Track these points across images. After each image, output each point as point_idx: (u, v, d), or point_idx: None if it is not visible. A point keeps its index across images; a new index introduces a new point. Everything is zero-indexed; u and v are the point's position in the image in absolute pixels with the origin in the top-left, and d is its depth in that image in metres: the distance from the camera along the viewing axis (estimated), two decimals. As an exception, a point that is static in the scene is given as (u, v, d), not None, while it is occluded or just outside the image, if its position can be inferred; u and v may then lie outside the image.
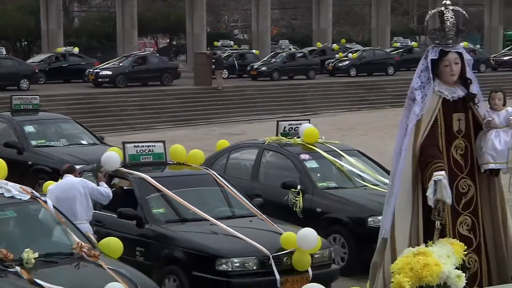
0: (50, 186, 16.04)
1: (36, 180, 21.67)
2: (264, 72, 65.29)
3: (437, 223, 8.42)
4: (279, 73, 66.13)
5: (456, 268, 8.06)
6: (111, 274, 12.68)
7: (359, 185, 18.55)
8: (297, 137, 19.70)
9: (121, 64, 61.84)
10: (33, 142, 25.23)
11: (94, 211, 16.08)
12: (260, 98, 58.87)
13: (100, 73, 59.96)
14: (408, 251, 8.08)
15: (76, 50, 68.54)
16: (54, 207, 13.76)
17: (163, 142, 18.01)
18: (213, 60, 60.70)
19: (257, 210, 16.99)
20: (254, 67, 66.15)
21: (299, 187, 18.32)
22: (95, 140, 26.34)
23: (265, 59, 67.92)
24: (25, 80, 55.47)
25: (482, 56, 75.58)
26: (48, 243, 13.89)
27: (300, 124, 20.37)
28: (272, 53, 70.72)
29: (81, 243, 13.11)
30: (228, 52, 72.37)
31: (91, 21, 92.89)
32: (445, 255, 8.07)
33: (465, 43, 72.52)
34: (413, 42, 79.00)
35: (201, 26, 75.07)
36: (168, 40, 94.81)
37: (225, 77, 61.17)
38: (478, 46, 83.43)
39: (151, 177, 16.79)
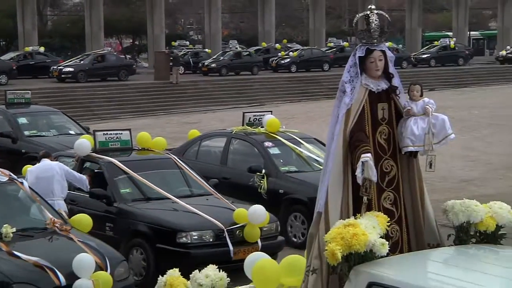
0: (30, 167, 16.31)
1: (29, 166, 21.72)
2: (214, 68, 67.68)
3: (365, 198, 8.48)
4: (227, 69, 68.66)
5: (381, 237, 8.10)
6: (81, 246, 12.69)
7: (317, 168, 18.62)
8: (261, 127, 20.24)
9: (82, 62, 63.80)
10: (26, 133, 25.60)
11: (68, 191, 16.37)
12: (212, 91, 59.78)
13: (63, 70, 61.87)
14: (339, 223, 8.11)
15: (42, 49, 70.27)
16: (30, 187, 13.80)
17: (129, 130, 18.16)
18: (171, 58, 61.46)
19: (212, 190, 17.31)
20: (205, 64, 68.37)
21: (263, 171, 18.94)
22: (81, 130, 26.60)
23: (214, 57, 70.26)
24: (4, 75, 55.73)
25: (404, 54, 77.09)
26: (24, 219, 14.10)
27: (263, 115, 20.97)
28: (220, 52, 71.19)
29: (54, 219, 13.20)
30: (184, 51, 73.50)
31: (63, 23, 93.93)
32: (371, 226, 8.12)
33: (390, 43, 73.74)
34: (344, 42, 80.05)
35: (160, 28, 75.46)
36: (131, 41, 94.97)
37: (181, 73, 62.73)
38: (400, 45, 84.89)
39: (119, 161, 17.12)
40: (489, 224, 8.83)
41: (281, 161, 20.15)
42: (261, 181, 18.75)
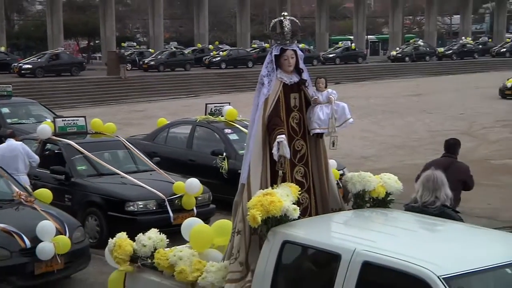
0: (-3, 147, 15.68)
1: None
2: (153, 65, 67.33)
3: (280, 172, 8.51)
4: (164, 66, 68.70)
5: (293, 203, 8.15)
6: (43, 215, 12.63)
7: None
8: (221, 116, 20.14)
9: (39, 60, 62.87)
10: (9, 120, 25.16)
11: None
12: (155, 84, 59.43)
13: (23, 67, 60.87)
14: (259, 193, 8.13)
15: (2, 48, 69.37)
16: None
17: (84, 117, 18.08)
18: (120, 57, 61.20)
19: (155, 166, 17.33)
20: (145, 61, 68.50)
21: (224, 154, 18.84)
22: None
23: (153, 56, 69.99)
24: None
25: (314, 54, 77.45)
26: None
27: (223, 106, 20.74)
28: (158, 51, 71.44)
29: (20, 192, 13.16)
30: (131, 51, 72.72)
31: (28, 27, 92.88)
32: (285, 195, 8.16)
33: (303, 44, 74.03)
34: (266, 44, 79.62)
35: (111, 31, 75.00)
36: (87, 42, 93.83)
37: (128, 69, 62.02)
38: (311, 47, 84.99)
39: (75, 143, 17.04)
40: (380, 191, 8.97)
41: (239, 145, 19.51)
42: (223, 163, 18.56)
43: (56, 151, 17.32)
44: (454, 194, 13.40)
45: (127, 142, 18.13)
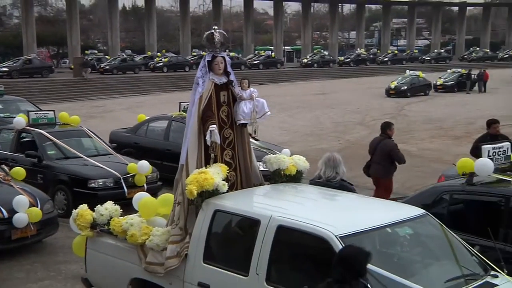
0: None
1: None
2: (108, 69, 66.51)
3: (212, 155, 8.51)
4: (117, 69, 67.27)
5: (222, 180, 8.16)
6: (18, 190, 12.42)
7: None
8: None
9: (14, 64, 61.42)
10: (1, 115, 24.51)
11: (10, 153, 16.59)
12: (111, 84, 59.33)
13: (0, 69, 59.90)
14: (195, 171, 8.14)
15: None
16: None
17: (53, 111, 17.87)
18: (83, 62, 60.99)
19: (113, 151, 17.14)
20: (101, 66, 67.49)
21: None
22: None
23: (108, 61, 69.19)
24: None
25: (242, 60, 77.10)
26: None
27: None
28: (112, 58, 70.91)
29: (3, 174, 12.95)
30: (93, 57, 71.92)
31: (6, 37, 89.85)
32: (216, 173, 8.14)
33: (233, 53, 73.61)
34: (203, 52, 79.33)
35: (77, 41, 74.27)
36: (56, 49, 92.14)
37: (89, 72, 61.22)
38: (240, 55, 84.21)
39: (46, 132, 16.71)
40: (292, 170, 9.01)
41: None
42: None
43: (30, 139, 16.97)
44: (383, 165, 14.34)
45: (89, 131, 17.84)
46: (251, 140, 10.62)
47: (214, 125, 8.51)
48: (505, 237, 8.73)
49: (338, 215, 7.63)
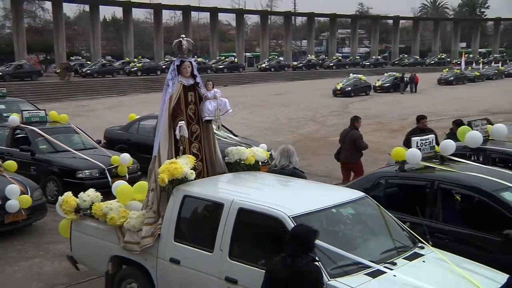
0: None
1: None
2: (89, 73, 65.56)
3: (181, 147, 8.49)
4: (98, 73, 66.12)
5: (191, 169, 8.14)
6: (11, 180, 12.23)
7: None
8: None
9: (7, 69, 60.20)
10: (4, 114, 23.23)
11: (6, 147, 16.21)
12: (94, 86, 58.59)
13: None
14: (167, 162, 8.10)
15: None
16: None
17: (45, 110, 17.63)
18: (67, 67, 60.28)
19: (98, 146, 17.00)
20: (83, 70, 66.30)
21: None
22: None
23: (89, 66, 68.54)
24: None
25: (208, 65, 76.55)
26: None
27: None
28: (92, 63, 70.03)
29: None
30: (77, 63, 71.00)
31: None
32: (185, 163, 8.11)
33: (201, 59, 73.10)
34: (174, 58, 78.69)
35: (63, 48, 73.40)
36: (45, 56, 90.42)
37: (73, 75, 60.64)
38: (207, 60, 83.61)
39: (38, 129, 16.42)
40: (251, 160, 8.99)
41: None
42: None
43: (23, 135, 16.64)
44: (351, 152, 15.09)
45: (76, 128, 17.59)
46: (231, 136, 10.65)
47: (183, 121, 8.48)
48: (431, 215, 8.89)
49: (290, 199, 7.65)
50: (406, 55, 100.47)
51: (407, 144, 13.19)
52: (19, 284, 9.96)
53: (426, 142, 10.06)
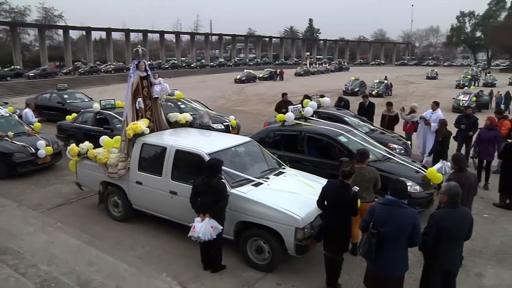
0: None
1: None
2: (83, 73, 57.35)
3: (140, 114, 7.99)
4: (89, 72, 57.72)
5: (146, 127, 7.73)
6: (40, 138, 11.53)
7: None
8: (174, 95, 14.97)
9: (37, 71, 52.40)
10: (68, 101, 19.64)
11: (91, 126, 13.31)
12: (88, 80, 53.81)
13: (30, 74, 50.98)
14: (131, 123, 7.70)
15: None
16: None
17: (114, 99, 14.58)
18: (74, 68, 54.92)
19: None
20: (80, 71, 57.96)
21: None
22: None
23: (83, 69, 59.83)
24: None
25: (157, 66, 71.99)
26: (16, 128, 11.84)
27: (175, 90, 15.32)
28: (86, 66, 64.08)
29: (28, 129, 12.00)
30: (80, 66, 64.85)
31: (31, 57, 77.19)
32: (143, 123, 7.71)
33: (151, 61, 68.77)
34: (134, 60, 73.51)
35: (69, 58, 66.76)
36: (59, 62, 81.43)
37: (78, 74, 54.84)
38: (157, 61, 79.01)
39: (113, 113, 13.60)
40: (183, 121, 8.67)
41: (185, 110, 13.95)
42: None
43: (103, 117, 13.28)
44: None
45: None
46: (210, 111, 9.45)
47: (140, 98, 7.97)
48: (301, 151, 8.75)
49: (206, 143, 7.36)
50: (266, 58, 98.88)
51: (278, 110, 13.06)
52: (50, 198, 9.39)
53: (296, 109, 9.82)
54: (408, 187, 7.30)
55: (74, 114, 13.98)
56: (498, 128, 9.70)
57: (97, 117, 13.37)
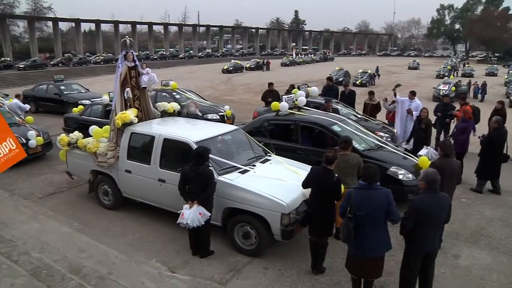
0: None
1: None
2: (74, 64, 55.93)
3: (128, 104, 7.84)
4: (79, 64, 56.21)
5: (135, 116, 7.62)
6: (30, 128, 11.23)
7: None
8: (169, 86, 14.98)
9: (27, 63, 50.76)
10: (65, 92, 18.80)
11: (100, 119, 12.65)
12: (79, 71, 52.88)
13: (20, 66, 49.62)
14: (120, 113, 7.54)
15: None
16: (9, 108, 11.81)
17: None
18: (69, 59, 54.01)
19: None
20: (74, 63, 56.38)
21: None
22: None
23: (75, 60, 59.17)
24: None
25: (146, 56, 70.39)
26: (8, 120, 11.76)
27: (169, 81, 15.33)
28: (77, 58, 61.61)
29: (19, 119, 11.64)
30: (68, 57, 63.29)
31: (21, 49, 75.41)
32: (131, 113, 7.58)
33: (139, 51, 67.47)
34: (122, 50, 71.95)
35: (59, 49, 65.09)
36: (49, 54, 79.61)
37: (72, 65, 53.66)
38: (146, 52, 77.73)
39: None
40: (171, 110, 8.55)
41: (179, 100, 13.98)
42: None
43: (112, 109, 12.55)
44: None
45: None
46: (205, 101, 9.35)
47: (128, 88, 7.82)
48: (295, 140, 8.59)
49: (194, 131, 7.27)
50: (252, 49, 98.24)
51: (264, 100, 12.96)
52: (41, 187, 9.24)
53: (290, 98, 9.66)
54: (401, 175, 7.45)
55: (81, 107, 13.40)
56: (472, 121, 9.69)
57: (106, 109, 12.68)
